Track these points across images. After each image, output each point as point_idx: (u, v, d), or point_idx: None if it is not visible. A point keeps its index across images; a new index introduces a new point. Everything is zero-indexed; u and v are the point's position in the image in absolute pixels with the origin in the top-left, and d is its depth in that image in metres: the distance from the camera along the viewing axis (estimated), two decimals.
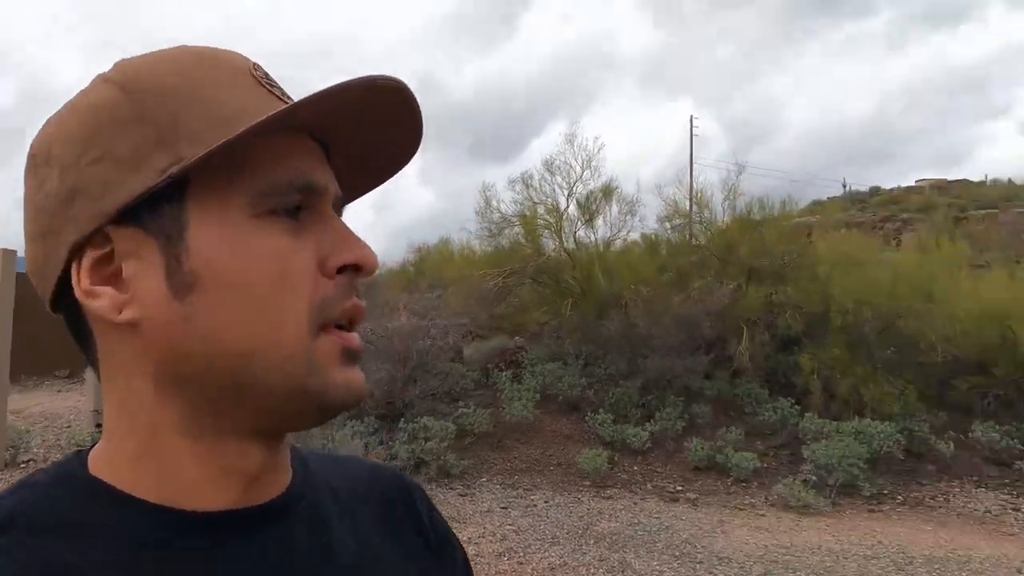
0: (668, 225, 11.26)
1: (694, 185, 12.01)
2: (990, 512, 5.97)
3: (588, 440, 7.54)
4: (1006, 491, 6.38)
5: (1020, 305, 7.83)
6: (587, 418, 7.80)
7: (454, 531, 0.60)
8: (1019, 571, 4.73)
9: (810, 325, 9.37)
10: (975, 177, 24.16)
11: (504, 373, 8.41)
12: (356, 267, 0.44)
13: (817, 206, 16.39)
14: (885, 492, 6.64)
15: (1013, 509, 5.99)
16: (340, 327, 0.43)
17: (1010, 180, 21.88)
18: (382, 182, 0.53)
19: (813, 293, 9.39)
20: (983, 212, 17.05)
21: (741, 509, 6.26)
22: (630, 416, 8.04)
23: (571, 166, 10.39)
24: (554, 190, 10.43)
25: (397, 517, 0.55)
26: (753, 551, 5.14)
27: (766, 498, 6.53)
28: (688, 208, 11.44)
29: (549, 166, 10.45)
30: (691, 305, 9.44)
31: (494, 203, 9.86)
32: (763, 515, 6.10)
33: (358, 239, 0.44)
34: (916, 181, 24.94)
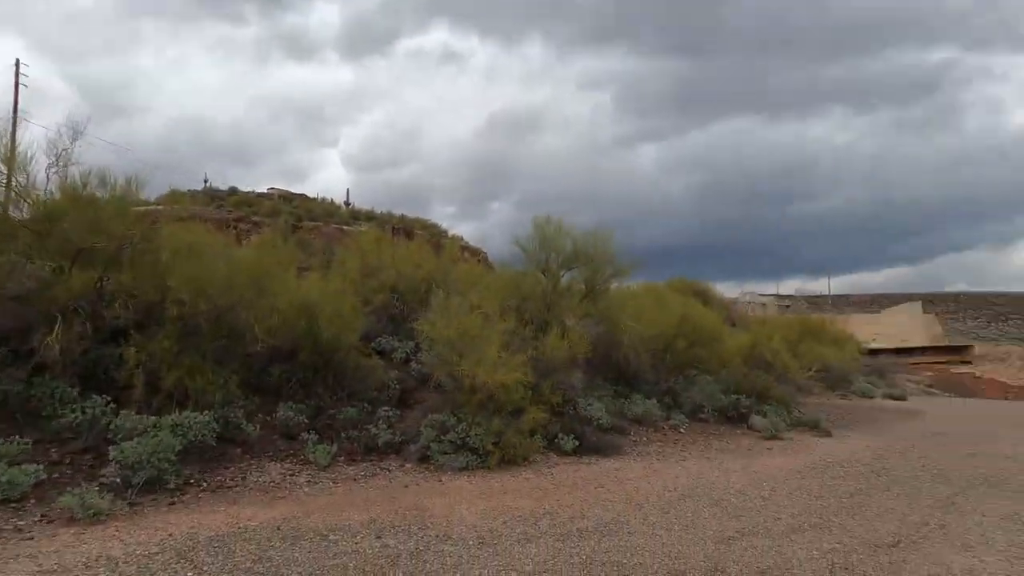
0: None
1: (20, 144, 9.58)
2: (274, 482, 6.71)
3: None
4: (290, 461, 7.35)
5: (325, 300, 9.38)
6: None
7: None
8: (245, 529, 5.33)
9: (145, 315, 8.75)
10: (312, 193, 28.88)
11: None
12: None
13: (177, 195, 15.91)
14: (191, 481, 6.60)
15: (291, 475, 6.92)
16: None
17: (332, 200, 27.52)
18: None
19: (152, 282, 8.81)
20: (313, 224, 20.47)
21: None
22: None
23: None
24: None
25: None
26: None
27: (44, 516, 5.46)
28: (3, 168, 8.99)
29: None
30: None
31: None
32: (30, 538, 5.03)
33: None
34: (268, 188, 27.83)
